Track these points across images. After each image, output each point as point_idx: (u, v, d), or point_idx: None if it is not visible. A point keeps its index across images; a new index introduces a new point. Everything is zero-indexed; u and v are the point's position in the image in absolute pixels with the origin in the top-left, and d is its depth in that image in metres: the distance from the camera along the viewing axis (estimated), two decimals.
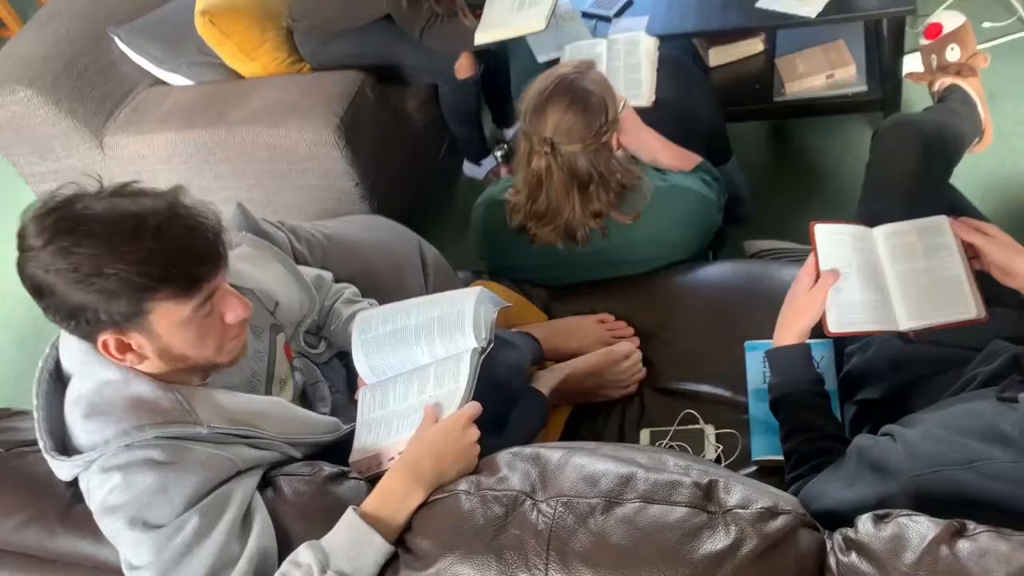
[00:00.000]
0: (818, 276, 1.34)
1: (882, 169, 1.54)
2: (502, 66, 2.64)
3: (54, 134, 2.35)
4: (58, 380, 1.24)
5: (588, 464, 1.03)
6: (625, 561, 0.92)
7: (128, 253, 1.05)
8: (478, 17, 2.30)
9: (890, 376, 1.40)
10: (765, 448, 1.45)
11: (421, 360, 1.30)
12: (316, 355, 1.52)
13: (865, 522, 0.92)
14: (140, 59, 2.48)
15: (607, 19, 2.34)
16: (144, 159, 2.34)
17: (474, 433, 1.15)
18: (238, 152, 2.26)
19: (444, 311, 1.31)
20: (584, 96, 1.62)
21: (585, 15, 2.37)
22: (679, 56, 2.22)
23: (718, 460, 1.49)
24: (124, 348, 1.11)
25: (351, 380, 1.53)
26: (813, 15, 2.11)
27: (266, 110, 2.23)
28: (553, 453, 1.07)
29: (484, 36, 2.25)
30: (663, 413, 1.57)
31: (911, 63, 2.33)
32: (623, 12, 2.33)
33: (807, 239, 2.14)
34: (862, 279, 1.35)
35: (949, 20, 1.89)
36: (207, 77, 2.47)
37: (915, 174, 1.50)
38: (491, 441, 1.17)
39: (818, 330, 1.35)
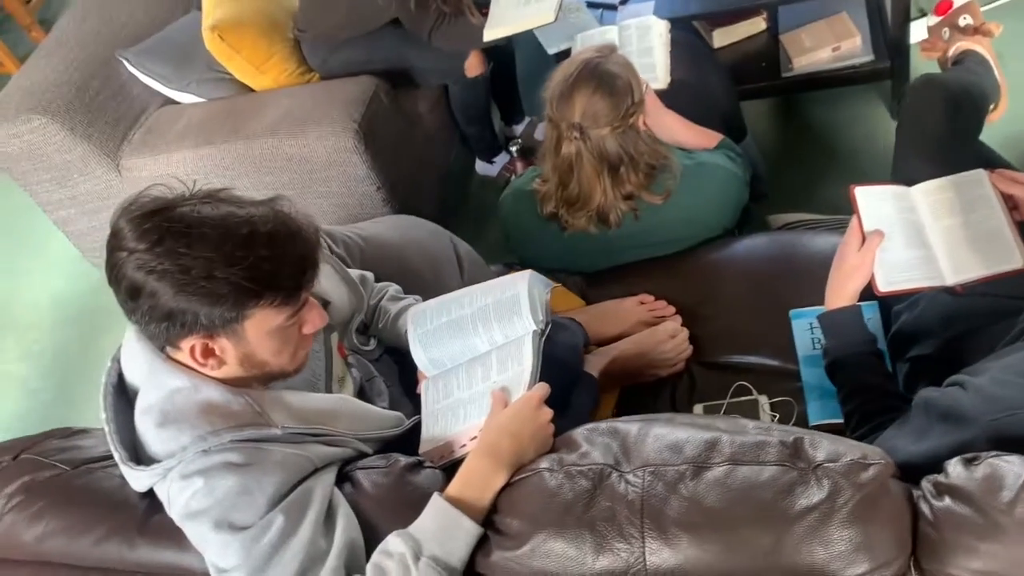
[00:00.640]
0: (863, 238, 1.36)
1: (914, 128, 1.56)
2: (508, 62, 2.65)
3: (71, 160, 2.35)
4: (122, 393, 1.24)
5: (668, 433, 1.04)
6: (723, 522, 0.93)
7: (241, 258, 1.06)
8: (484, 15, 2.32)
9: (941, 331, 1.42)
10: (822, 413, 1.46)
11: (481, 348, 1.31)
12: (368, 352, 1.53)
13: (955, 466, 0.93)
14: (150, 80, 2.49)
15: (612, 7, 2.35)
16: (161, 179, 2.32)
17: (547, 413, 1.16)
18: (257, 165, 2.26)
19: (498, 297, 1.32)
20: (610, 79, 1.63)
21: (590, 4, 2.38)
22: (690, 37, 2.24)
23: None
24: (208, 353, 1.12)
25: (403, 375, 1.54)
26: None
27: (283, 121, 2.24)
28: (631, 426, 1.08)
29: (493, 32, 2.27)
30: (714, 387, 1.58)
31: (917, 29, 2.36)
32: None
33: (829, 209, 2.19)
34: (906, 237, 1.37)
35: None
36: (218, 93, 2.47)
37: (947, 130, 1.52)
38: (558, 421, 1.18)
39: (864, 292, 1.37)
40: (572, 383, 1.39)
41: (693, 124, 1.92)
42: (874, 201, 1.40)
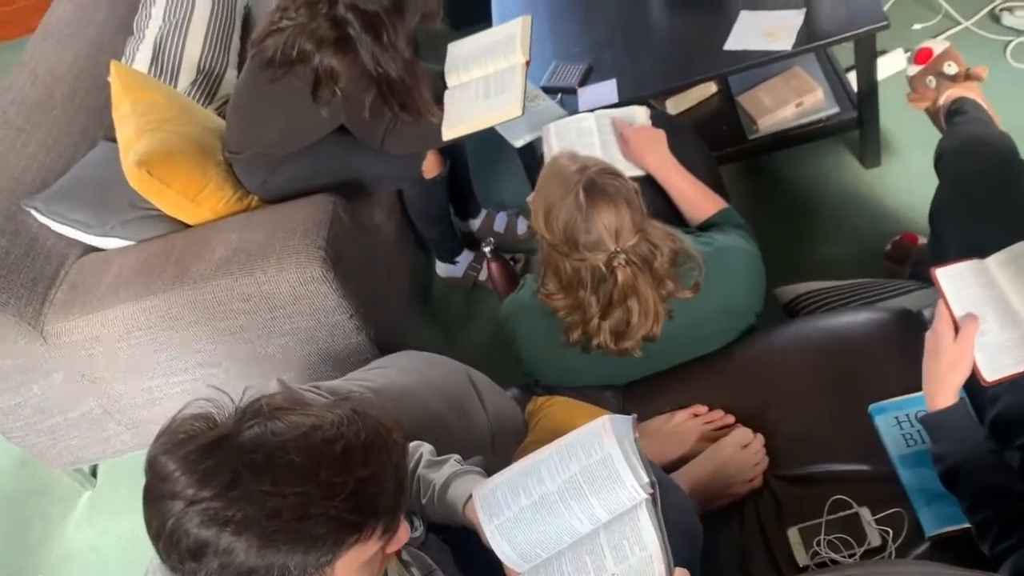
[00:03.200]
0: (955, 324, 1.24)
1: (966, 193, 1.47)
2: (458, 156, 2.48)
3: None
4: None
5: None
6: None
7: (340, 486, 0.85)
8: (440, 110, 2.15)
9: None
10: (938, 520, 1.32)
11: (580, 528, 1.10)
12: (415, 539, 1.29)
13: None
14: (65, 229, 2.19)
15: (572, 91, 2.22)
16: (99, 340, 2.03)
17: None
18: (210, 311, 1.99)
19: (585, 463, 1.12)
20: (613, 188, 1.48)
21: (546, 90, 2.24)
22: (663, 114, 2.13)
23: (884, 545, 1.34)
24: None
25: (459, 558, 1.32)
26: (789, 47, 2.05)
27: (235, 257, 1.99)
28: None
29: (454, 131, 2.09)
30: (803, 505, 1.41)
31: (883, 69, 2.33)
32: (586, 80, 2.22)
33: (828, 273, 2.09)
34: (999, 317, 1.26)
35: (937, 45, 1.87)
36: (148, 233, 2.19)
37: (1004, 189, 1.43)
38: None
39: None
40: (697, 552, 1.20)
41: (699, 182, 1.82)
42: (957, 282, 1.29)
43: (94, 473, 2.56)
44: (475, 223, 2.65)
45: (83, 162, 2.32)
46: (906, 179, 2.34)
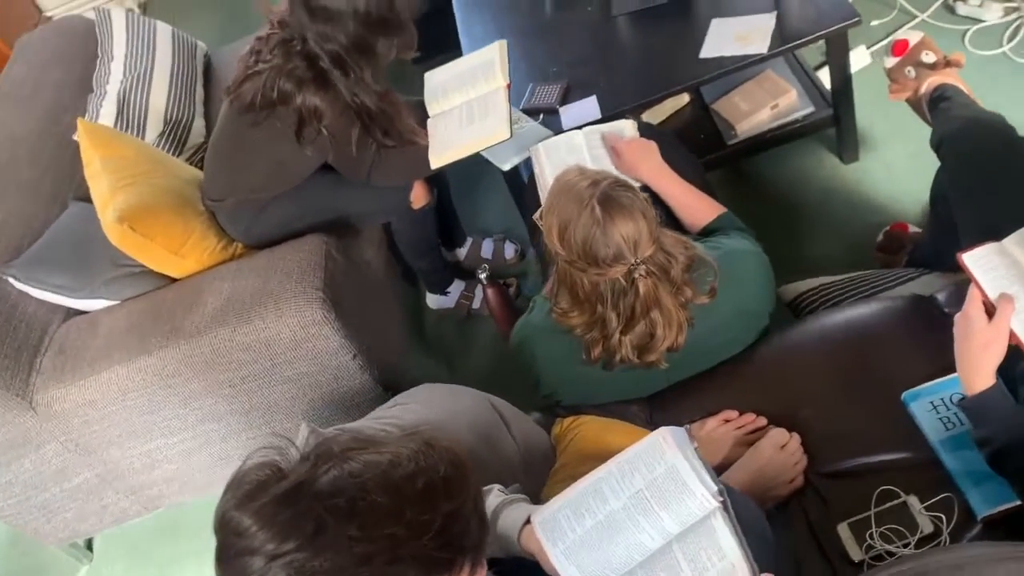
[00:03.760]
0: (987, 305, 1.24)
1: (972, 174, 1.48)
2: (441, 185, 2.45)
3: None
4: None
5: None
6: None
7: (427, 523, 0.81)
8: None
9: None
10: (988, 500, 1.31)
11: (651, 545, 1.07)
12: None
13: None
14: (46, 294, 2.11)
15: (553, 111, 2.21)
16: (93, 405, 1.95)
17: None
18: (209, 364, 1.93)
19: (649, 477, 1.09)
20: (628, 200, 1.46)
21: (527, 112, 2.23)
22: (651, 124, 2.14)
23: (937, 531, 1.33)
24: None
25: None
26: (764, 50, 2.08)
27: (230, 307, 1.93)
28: None
29: (442, 158, 2.07)
30: (849, 499, 1.40)
31: (856, 62, 2.37)
32: (566, 99, 2.22)
33: (827, 269, 2.10)
34: None
35: (912, 36, 1.91)
36: (132, 291, 2.12)
37: (1010, 167, 1.45)
38: None
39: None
40: (772, 559, 1.17)
41: (695, 189, 1.82)
42: (984, 264, 1.30)
43: (90, 546, 2.46)
44: (462, 252, 2.63)
45: (57, 225, 2.25)
46: (886, 171, 2.37)
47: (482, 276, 2.23)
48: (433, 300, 2.54)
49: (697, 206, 1.82)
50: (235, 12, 4.14)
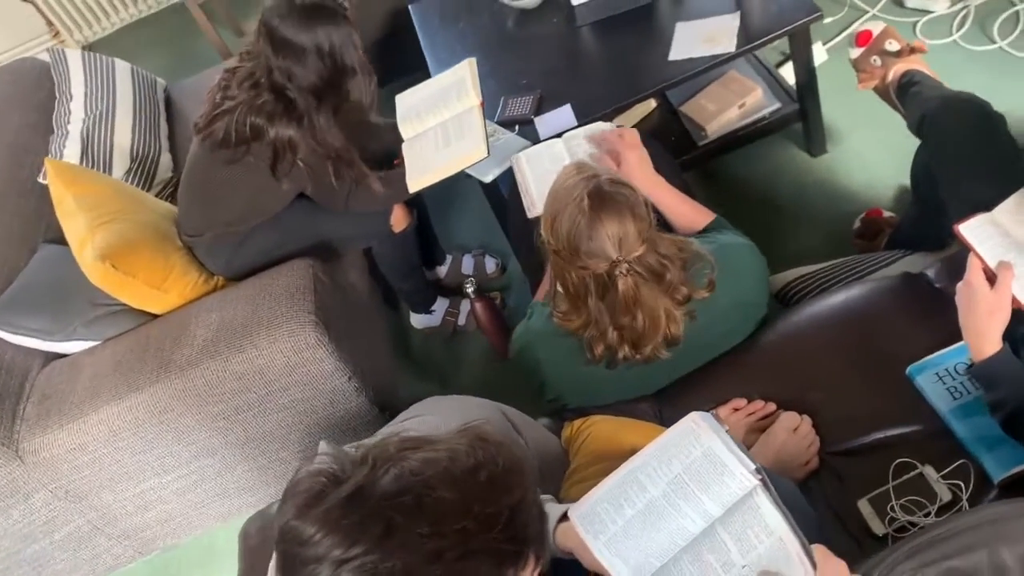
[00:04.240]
0: (987, 272, 1.28)
1: (959, 150, 1.53)
2: (421, 205, 2.45)
3: None
4: None
5: None
6: None
7: (494, 516, 0.80)
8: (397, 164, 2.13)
9: None
10: (1002, 464, 1.34)
11: (693, 529, 1.07)
12: None
13: None
14: (23, 339, 2.04)
15: (528, 122, 2.22)
16: (82, 449, 1.90)
17: None
18: (202, 397, 1.89)
19: (686, 461, 1.10)
20: (622, 197, 1.47)
21: (501, 124, 2.24)
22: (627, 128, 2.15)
23: (956, 499, 1.36)
24: None
25: None
26: (732, 48, 2.12)
27: (221, 337, 1.89)
28: None
29: (421, 181, 2.06)
30: (866, 476, 1.42)
31: (818, 56, 2.43)
32: (540, 109, 2.23)
33: (807, 260, 2.14)
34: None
35: (875, 26, 1.96)
36: (113, 330, 2.07)
37: (993, 141, 1.50)
38: None
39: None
40: (817, 530, 1.18)
41: (686, 196, 1.83)
42: (979, 234, 1.34)
43: None
44: (442, 270, 2.62)
45: (29, 268, 2.19)
46: (855, 160, 2.43)
47: (469, 290, 2.23)
48: (418, 320, 2.52)
49: (691, 214, 1.82)
50: (184, 50, 4.11)
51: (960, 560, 0.94)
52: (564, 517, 1.19)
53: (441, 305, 2.50)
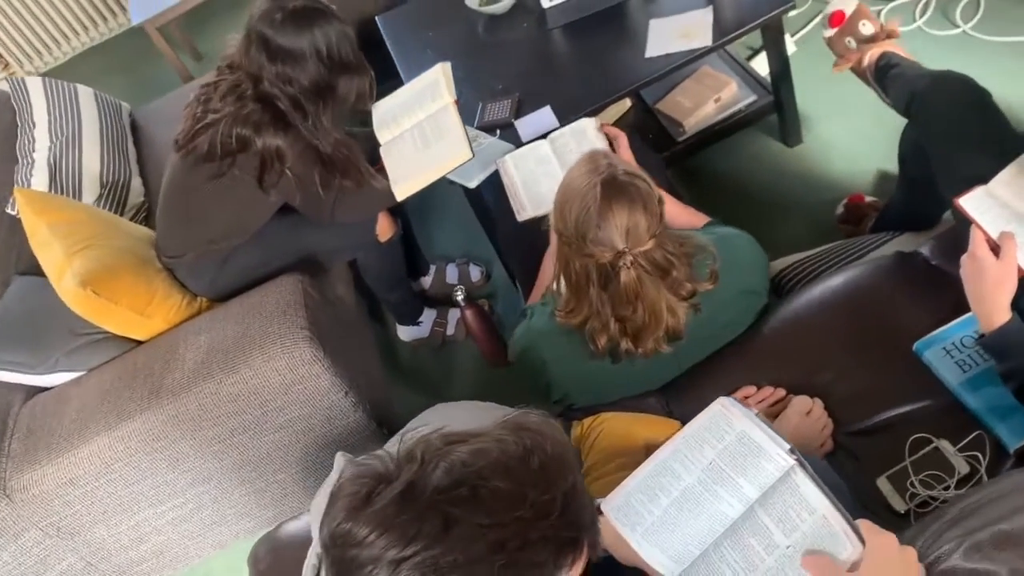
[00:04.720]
0: (989, 243, 1.29)
1: (952, 126, 1.54)
2: (403, 214, 2.42)
3: None
4: None
5: None
6: None
7: (549, 503, 0.79)
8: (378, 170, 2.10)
9: None
10: (1016, 432, 1.35)
11: (732, 513, 1.05)
12: None
13: None
14: (2, 374, 1.98)
15: (508, 125, 2.21)
16: (73, 483, 1.83)
17: (911, 553, 0.93)
18: (196, 421, 1.84)
19: (720, 446, 1.08)
20: (635, 188, 1.46)
21: (482, 128, 2.23)
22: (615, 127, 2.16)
23: (974, 470, 1.36)
24: None
25: None
26: (710, 42, 2.13)
27: (212, 358, 1.85)
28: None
29: (406, 187, 2.03)
30: (882, 454, 1.42)
31: (788, 47, 2.45)
32: (519, 112, 2.22)
33: (797, 247, 2.15)
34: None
35: (847, 6, 1.98)
36: (97, 359, 2.01)
37: (984, 117, 1.52)
38: None
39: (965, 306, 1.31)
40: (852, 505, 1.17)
41: (680, 202, 1.84)
42: (979, 206, 1.35)
43: None
44: (427, 280, 2.59)
45: (3, 301, 2.13)
46: (831, 148, 2.46)
47: (459, 298, 2.21)
48: (406, 332, 2.49)
49: (687, 218, 1.83)
50: (142, 76, 4.04)
51: (1008, 524, 0.94)
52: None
53: (428, 316, 2.47)
